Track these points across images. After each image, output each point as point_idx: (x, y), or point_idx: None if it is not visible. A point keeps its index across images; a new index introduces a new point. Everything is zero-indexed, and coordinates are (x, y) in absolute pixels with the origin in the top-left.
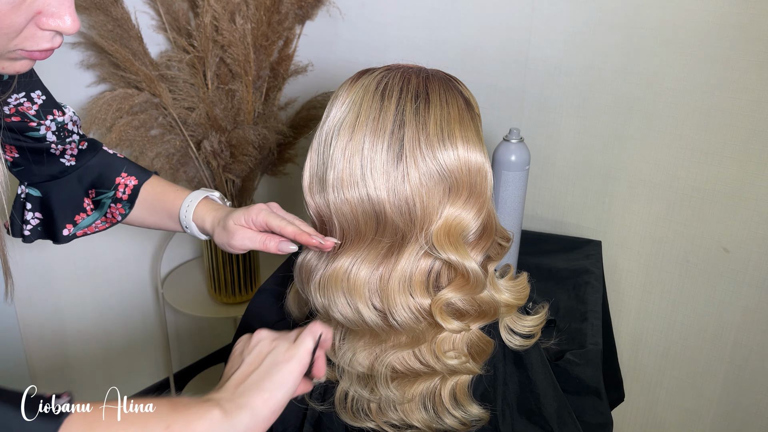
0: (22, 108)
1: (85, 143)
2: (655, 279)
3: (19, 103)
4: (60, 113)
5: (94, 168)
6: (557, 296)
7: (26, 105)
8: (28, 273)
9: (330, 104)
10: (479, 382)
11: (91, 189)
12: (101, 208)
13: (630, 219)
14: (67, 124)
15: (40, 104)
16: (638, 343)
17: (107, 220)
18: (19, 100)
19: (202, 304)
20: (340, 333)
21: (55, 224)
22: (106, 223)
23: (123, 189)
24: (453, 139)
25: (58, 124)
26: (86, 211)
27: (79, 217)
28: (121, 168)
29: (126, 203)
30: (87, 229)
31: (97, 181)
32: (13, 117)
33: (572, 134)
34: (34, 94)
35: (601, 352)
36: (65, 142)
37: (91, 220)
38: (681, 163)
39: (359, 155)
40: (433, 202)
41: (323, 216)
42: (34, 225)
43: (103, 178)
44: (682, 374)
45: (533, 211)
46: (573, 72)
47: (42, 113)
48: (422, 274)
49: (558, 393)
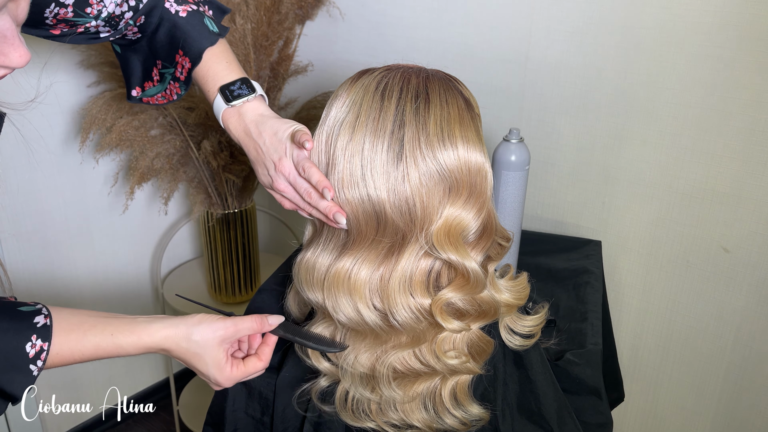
0: (60, 15)
1: (142, 18)
2: (655, 279)
3: (55, 13)
4: (99, 3)
5: (159, 38)
6: (557, 296)
7: (62, 12)
8: (28, 273)
9: (329, 104)
10: (479, 382)
11: (158, 59)
12: (163, 81)
13: (630, 219)
14: (114, 13)
15: (72, 3)
16: (638, 343)
17: (166, 96)
18: (53, 11)
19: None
20: (341, 333)
21: (130, 82)
22: (164, 98)
23: (180, 69)
24: (453, 139)
25: (104, 18)
26: (153, 81)
27: (148, 85)
28: (179, 42)
29: (183, 84)
30: (151, 99)
31: (162, 53)
32: (60, 26)
33: (572, 134)
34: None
35: (601, 352)
36: (120, 30)
37: (154, 90)
38: (681, 163)
39: (359, 155)
40: (433, 202)
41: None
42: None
43: (166, 51)
44: (682, 374)
45: (533, 211)
46: (573, 72)
47: (79, 11)
48: (422, 274)
49: (558, 393)
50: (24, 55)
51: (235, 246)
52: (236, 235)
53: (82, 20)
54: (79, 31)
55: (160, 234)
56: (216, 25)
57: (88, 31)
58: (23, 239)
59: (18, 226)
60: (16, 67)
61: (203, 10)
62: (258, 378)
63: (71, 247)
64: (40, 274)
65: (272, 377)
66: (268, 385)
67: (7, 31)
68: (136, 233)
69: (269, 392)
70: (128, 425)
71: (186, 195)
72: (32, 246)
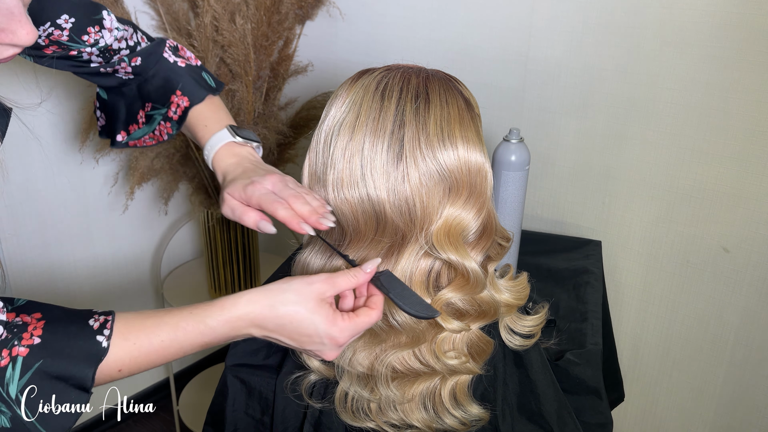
0: (54, 37)
1: (138, 59)
2: (655, 279)
3: (49, 33)
4: (97, 33)
5: (153, 81)
6: (557, 296)
7: (56, 33)
8: (28, 273)
9: (329, 104)
10: (479, 382)
11: (147, 102)
12: (151, 123)
13: (630, 219)
14: (111, 46)
15: (69, 28)
16: (638, 343)
17: (155, 137)
18: (47, 30)
19: None
20: None
21: (114, 127)
22: (153, 139)
23: (175, 109)
24: (453, 139)
25: (100, 48)
26: (139, 123)
27: (133, 128)
28: (177, 84)
29: (175, 124)
30: (137, 141)
31: (155, 95)
32: (51, 47)
33: (572, 134)
34: (61, 20)
35: (601, 352)
36: (113, 64)
37: (141, 132)
38: (681, 163)
39: (359, 155)
40: (433, 202)
41: None
42: (102, 124)
43: (159, 93)
44: (682, 374)
45: (533, 211)
46: (573, 72)
47: (75, 37)
48: (422, 274)
49: (558, 393)
50: (31, 32)
51: (235, 246)
52: (236, 235)
53: (75, 45)
54: (70, 54)
55: (161, 234)
56: (213, 81)
57: (79, 56)
58: (23, 239)
59: (18, 226)
60: (24, 45)
61: (201, 64)
62: (258, 378)
63: (71, 247)
64: (40, 275)
65: (272, 377)
66: (268, 384)
67: (15, 8)
68: (137, 233)
69: (269, 392)
70: (128, 425)
71: (186, 195)
72: (32, 246)
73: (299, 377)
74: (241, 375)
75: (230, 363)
